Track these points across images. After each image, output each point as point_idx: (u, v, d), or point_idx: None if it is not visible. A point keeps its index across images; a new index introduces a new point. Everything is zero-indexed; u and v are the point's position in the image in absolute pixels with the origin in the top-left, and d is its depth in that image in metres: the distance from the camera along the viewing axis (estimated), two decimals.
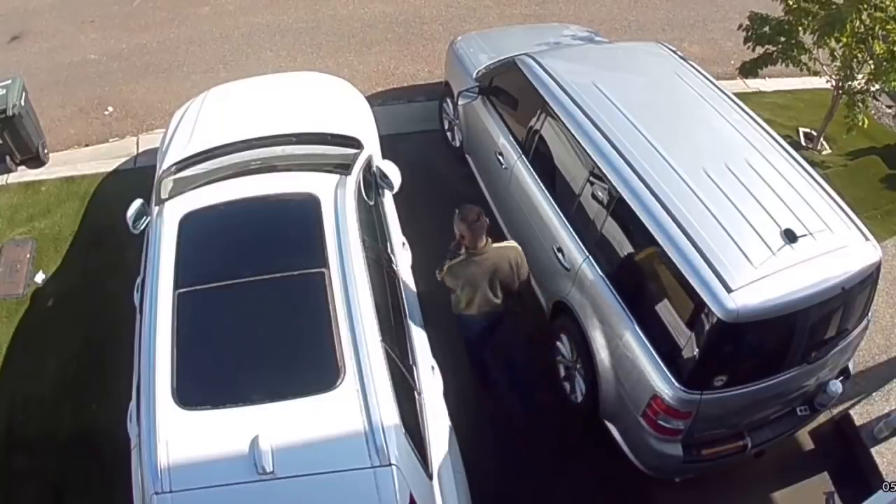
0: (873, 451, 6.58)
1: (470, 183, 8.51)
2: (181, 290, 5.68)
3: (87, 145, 9.89)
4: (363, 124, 8.03)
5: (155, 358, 5.33)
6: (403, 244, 7.01)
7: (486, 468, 6.27)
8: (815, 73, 9.12)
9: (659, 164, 6.13)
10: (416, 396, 5.66)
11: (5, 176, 9.38)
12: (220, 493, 4.79)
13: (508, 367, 7.00)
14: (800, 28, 8.65)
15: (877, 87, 8.72)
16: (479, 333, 6.58)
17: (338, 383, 5.17)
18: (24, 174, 9.41)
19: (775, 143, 6.46)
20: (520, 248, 6.38)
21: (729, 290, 5.39)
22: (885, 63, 8.27)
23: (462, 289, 6.22)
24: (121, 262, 7.78)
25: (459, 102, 8.28)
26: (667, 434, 5.88)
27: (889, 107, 11.17)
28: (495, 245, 6.20)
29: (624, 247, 6.23)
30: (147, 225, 6.65)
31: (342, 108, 8.30)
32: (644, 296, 6.02)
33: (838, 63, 8.78)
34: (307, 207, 6.21)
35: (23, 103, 8.95)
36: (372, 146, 7.60)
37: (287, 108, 7.98)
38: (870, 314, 6.27)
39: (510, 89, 7.75)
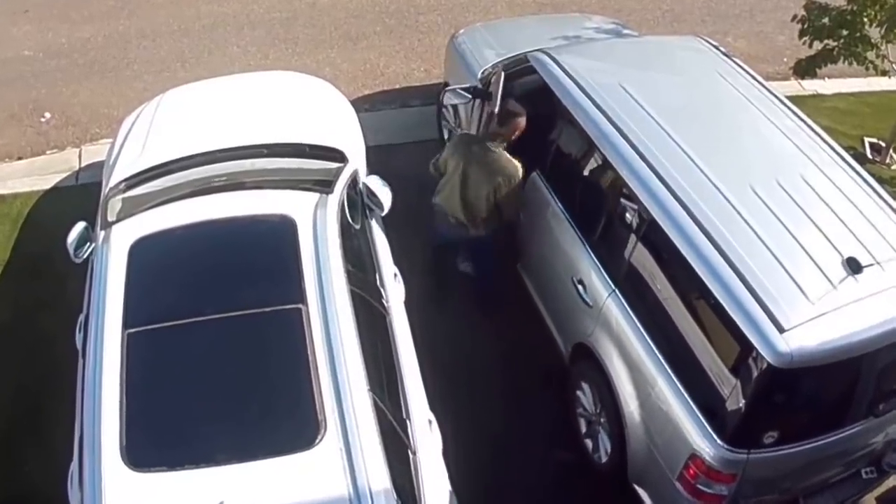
0: None
1: None
2: (131, 330, 5.72)
3: (20, 158, 9.97)
4: (347, 133, 8.12)
5: (101, 410, 5.35)
6: (395, 276, 7.06)
7: None
8: (884, 73, 9.20)
9: (698, 180, 6.18)
10: (411, 456, 5.68)
11: None
12: None
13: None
14: (865, 19, 8.71)
15: None
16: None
17: (317, 441, 5.21)
18: None
19: (836, 155, 6.52)
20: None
21: (781, 329, 5.39)
22: None
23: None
24: (60, 296, 7.80)
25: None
26: (708, 501, 5.89)
27: None
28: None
29: (656, 279, 6.27)
30: (91, 252, 6.67)
31: (322, 114, 8.39)
32: (680, 337, 6.04)
33: None
34: (281, 232, 6.27)
35: None
36: (358, 159, 7.68)
37: (257, 115, 8.05)
38: None
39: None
